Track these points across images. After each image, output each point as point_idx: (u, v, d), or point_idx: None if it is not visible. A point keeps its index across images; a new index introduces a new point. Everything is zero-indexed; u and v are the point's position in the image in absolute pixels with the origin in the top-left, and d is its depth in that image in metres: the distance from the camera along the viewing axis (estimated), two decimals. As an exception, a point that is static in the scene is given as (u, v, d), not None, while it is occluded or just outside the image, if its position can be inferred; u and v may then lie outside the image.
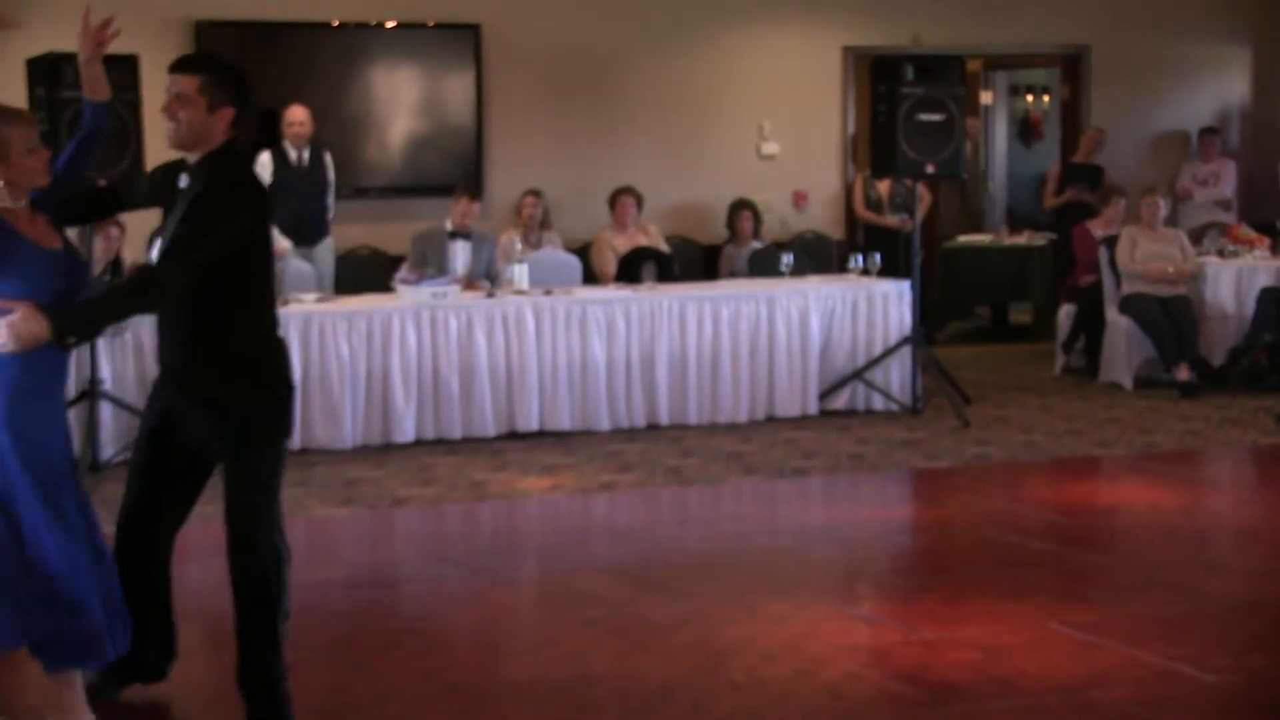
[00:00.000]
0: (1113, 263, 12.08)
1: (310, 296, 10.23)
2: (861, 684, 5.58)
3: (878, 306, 10.97)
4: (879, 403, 10.97)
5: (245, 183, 5.01)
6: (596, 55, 13.43)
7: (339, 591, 6.92)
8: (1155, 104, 15.17)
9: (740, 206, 13.21)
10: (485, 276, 10.73)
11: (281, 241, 10.73)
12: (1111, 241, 12.18)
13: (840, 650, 5.91)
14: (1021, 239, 14.77)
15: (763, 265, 12.53)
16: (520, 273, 10.59)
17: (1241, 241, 12.80)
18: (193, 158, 5.00)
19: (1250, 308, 11.98)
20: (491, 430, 10.11)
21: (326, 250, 11.75)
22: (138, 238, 10.44)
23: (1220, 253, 12.54)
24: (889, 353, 10.94)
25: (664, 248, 12.26)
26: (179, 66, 5.03)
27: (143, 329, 9.37)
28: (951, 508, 8.48)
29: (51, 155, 4.85)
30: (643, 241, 12.18)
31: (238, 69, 5.11)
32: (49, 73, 9.15)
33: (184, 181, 4.99)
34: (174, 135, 4.98)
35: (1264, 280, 12.09)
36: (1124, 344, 11.92)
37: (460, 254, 10.77)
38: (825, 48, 14.12)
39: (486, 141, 13.05)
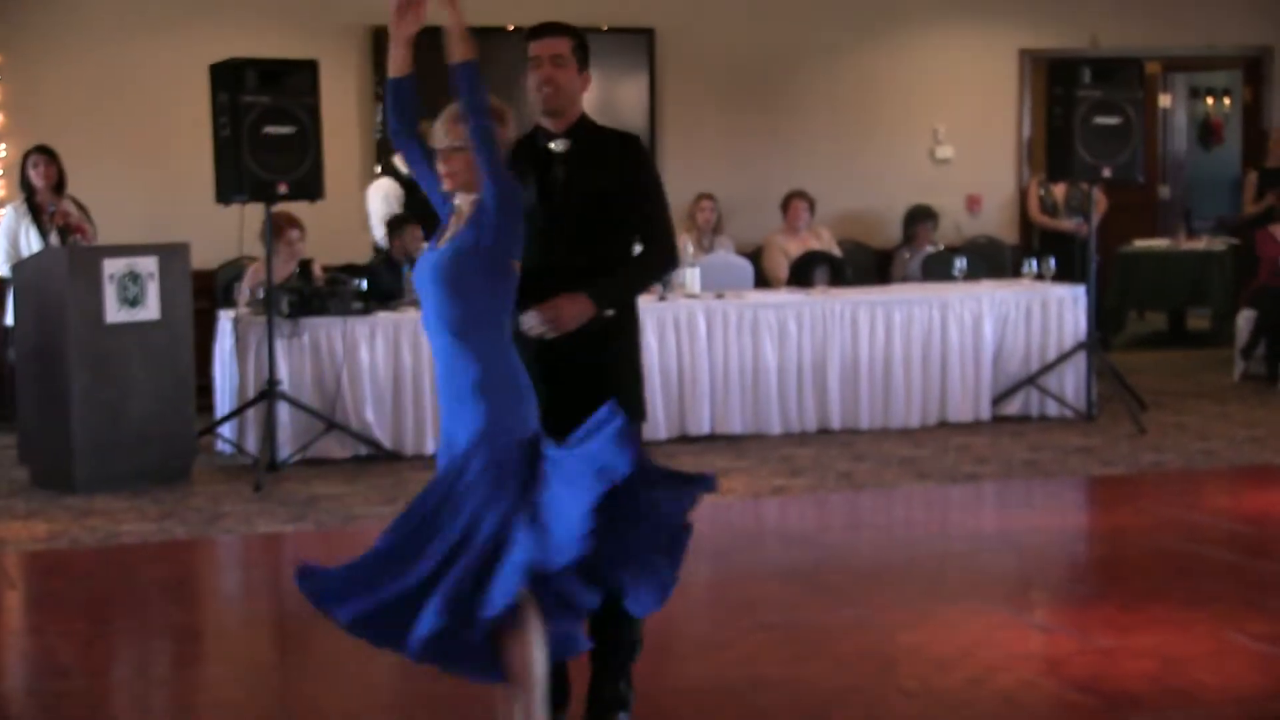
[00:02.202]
0: (1297, 268, 11.86)
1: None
2: (1036, 692, 5.52)
3: (1052, 311, 10.86)
4: (1053, 409, 10.84)
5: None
6: (770, 59, 13.43)
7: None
8: (1341, 106, 14.85)
9: (920, 215, 13.10)
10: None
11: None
12: (1296, 246, 11.96)
13: (1014, 658, 5.85)
14: (1200, 244, 14.50)
15: (936, 269, 12.45)
16: (692, 276, 10.63)
17: None
18: (554, 123, 5.06)
19: None
20: (663, 433, 10.15)
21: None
22: (319, 239, 10.64)
23: None
24: (1063, 358, 10.81)
25: (836, 251, 12.22)
26: (546, 30, 5.15)
27: (320, 332, 9.58)
28: (1127, 515, 8.35)
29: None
30: (814, 245, 12.15)
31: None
32: (231, 78, 9.33)
33: (560, 145, 5.10)
34: (550, 99, 5.07)
35: None
36: (1307, 351, 11.69)
37: (632, 257, 10.80)
38: (1001, 50, 14.00)
39: (660, 145, 13.10)
